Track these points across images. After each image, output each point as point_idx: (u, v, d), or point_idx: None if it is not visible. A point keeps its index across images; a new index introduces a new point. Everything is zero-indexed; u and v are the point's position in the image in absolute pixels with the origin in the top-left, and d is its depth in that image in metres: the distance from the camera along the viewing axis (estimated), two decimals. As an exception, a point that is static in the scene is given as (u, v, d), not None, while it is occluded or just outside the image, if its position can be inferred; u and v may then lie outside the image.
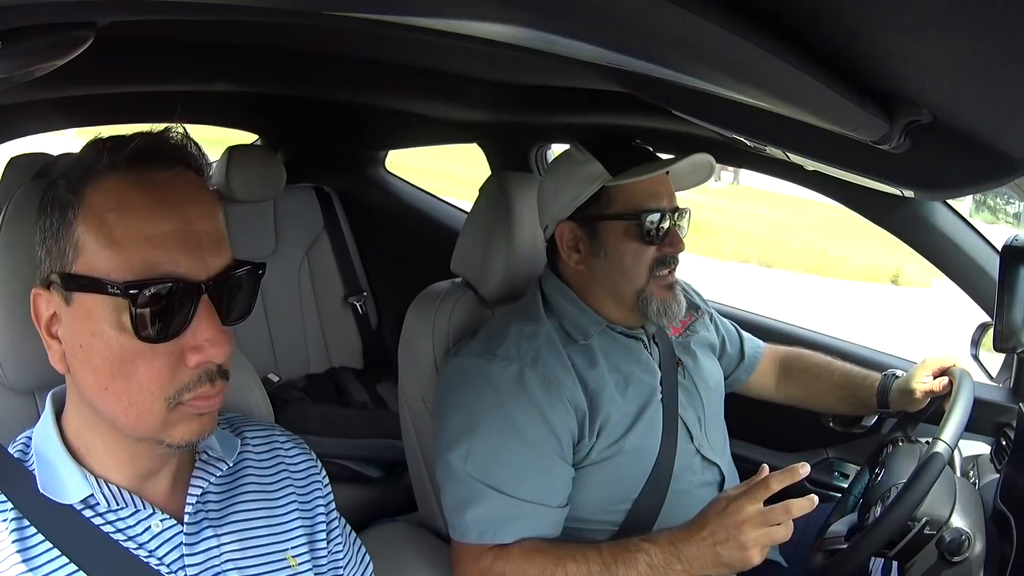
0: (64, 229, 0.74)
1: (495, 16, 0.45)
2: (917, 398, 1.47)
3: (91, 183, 0.74)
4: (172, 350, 0.74)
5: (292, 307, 2.48)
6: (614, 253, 1.36)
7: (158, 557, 0.81)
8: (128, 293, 0.71)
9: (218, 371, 0.77)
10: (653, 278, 1.36)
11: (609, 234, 1.36)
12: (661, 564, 1.16)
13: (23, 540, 0.76)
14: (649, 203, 1.35)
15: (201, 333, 0.74)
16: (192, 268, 0.74)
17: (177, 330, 0.73)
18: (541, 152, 2.44)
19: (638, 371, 1.38)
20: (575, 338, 1.36)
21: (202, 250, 0.74)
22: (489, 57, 1.50)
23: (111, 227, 0.72)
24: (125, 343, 0.73)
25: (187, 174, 0.77)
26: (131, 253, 0.72)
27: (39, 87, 1.47)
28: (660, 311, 1.36)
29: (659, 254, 1.36)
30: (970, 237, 1.63)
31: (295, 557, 0.90)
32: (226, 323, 0.77)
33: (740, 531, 1.11)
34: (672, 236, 1.37)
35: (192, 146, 0.80)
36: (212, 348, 0.74)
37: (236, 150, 2.33)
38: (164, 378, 0.74)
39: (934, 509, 1.17)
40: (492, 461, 1.25)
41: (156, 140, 0.77)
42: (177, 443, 0.77)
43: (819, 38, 0.56)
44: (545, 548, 1.23)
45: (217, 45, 1.64)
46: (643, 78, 0.83)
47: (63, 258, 0.74)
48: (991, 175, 0.90)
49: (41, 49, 0.55)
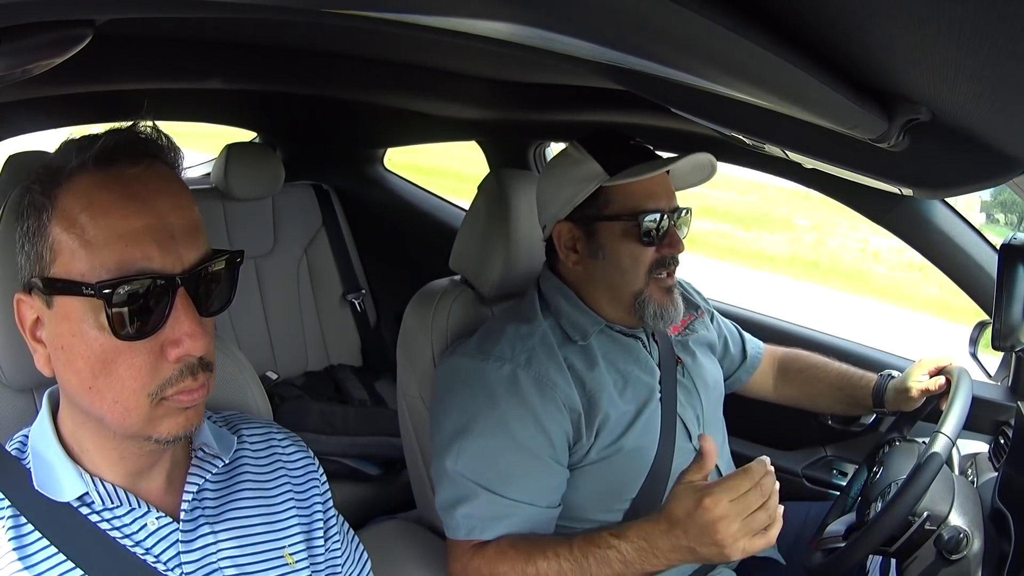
0: (40, 233, 0.74)
1: (494, 14, 0.45)
2: (913, 397, 1.47)
3: (62, 185, 0.74)
4: (152, 346, 0.74)
5: (290, 305, 2.48)
6: (612, 254, 1.35)
7: (155, 555, 0.81)
8: (102, 293, 0.71)
9: (200, 364, 0.76)
10: (652, 280, 1.35)
11: (607, 235, 1.35)
12: (636, 560, 1.12)
13: (20, 537, 0.76)
14: (647, 203, 1.33)
15: (179, 327, 0.74)
16: (166, 262, 0.73)
17: (156, 326, 0.73)
18: (540, 150, 2.44)
19: (637, 370, 1.38)
20: (573, 338, 1.35)
21: (175, 243, 0.74)
22: (488, 55, 1.50)
23: (84, 228, 0.72)
24: (105, 342, 0.73)
25: (157, 167, 0.77)
26: (104, 253, 0.72)
27: (37, 85, 1.47)
28: (657, 314, 1.35)
29: (658, 255, 1.34)
30: (969, 235, 1.63)
31: (292, 555, 0.90)
32: (205, 315, 0.77)
33: (715, 530, 1.04)
34: (671, 237, 1.35)
35: (162, 139, 0.79)
36: (191, 341, 0.74)
37: (235, 148, 2.33)
38: (146, 374, 0.74)
39: (933, 507, 1.18)
40: (483, 461, 1.25)
41: (123, 136, 0.77)
42: (164, 438, 0.77)
43: (817, 35, 0.56)
44: (519, 544, 1.22)
45: (215, 43, 1.64)
46: (641, 76, 0.83)
47: (40, 262, 0.74)
48: (990, 173, 0.90)
49: (39, 47, 0.55)
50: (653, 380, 1.39)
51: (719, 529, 1.04)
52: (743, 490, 1.05)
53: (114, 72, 1.61)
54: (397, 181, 2.89)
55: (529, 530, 1.25)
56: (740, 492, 1.05)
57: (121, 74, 1.65)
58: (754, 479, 1.06)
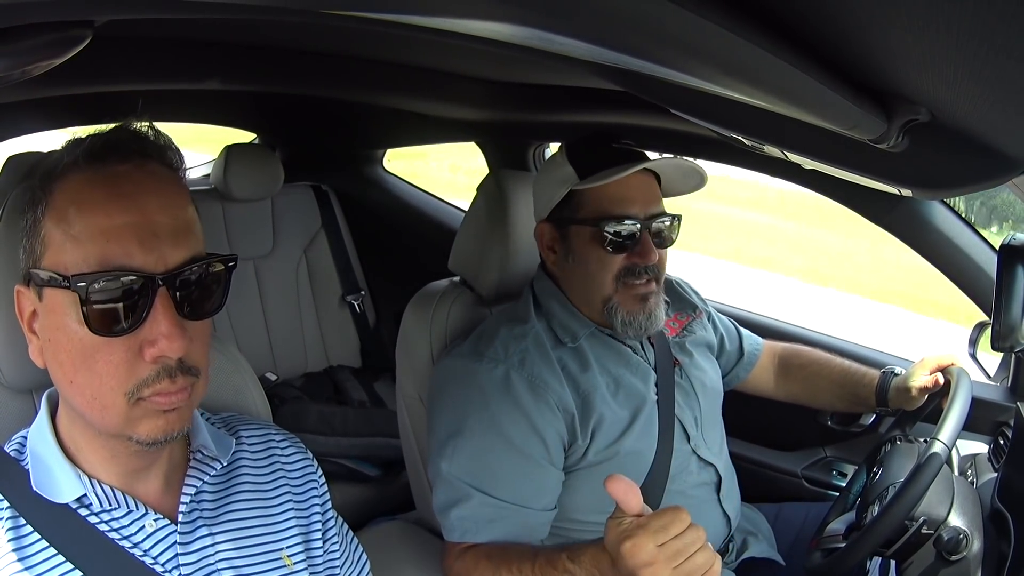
0: (35, 227, 0.75)
1: (493, 15, 0.45)
2: (915, 396, 1.47)
3: (56, 180, 0.75)
4: (130, 344, 0.73)
5: (290, 306, 2.47)
6: (581, 258, 1.34)
7: (152, 556, 0.81)
8: (77, 286, 0.71)
9: (179, 367, 0.75)
10: (622, 287, 1.32)
11: (576, 239, 1.34)
12: None
13: (19, 538, 0.76)
14: (614, 209, 1.30)
15: (156, 327, 0.73)
16: (147, 261, 0.73)
17: (133, 324, 0.73)
18: (539, 151, 2.44)
19: (628, 374, 1.37)
20: (563, 341, 1.35)
21: (159, 242, 0.74)
22: (487, 55, 1.50)
23: (71, 223, 0.73)
24: (84, 337, 0.73)
25: (149, 166, 0.77)
26: (88, 248, 0.72)
27: (37, 85, 1.47)
28: (626, 322, 1.32)
29: (627, 263, 1.31)
30: (968, 236, 1.63)
31: (290, 556, 0.90)
32: (188, 317, 0.76)
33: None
34: (642, 246, 1.31)
35: (160, 138, 0.79)
36: (167, 342, 0.73)
37: (234, 149, 2.33)
38: (123, 372, 0.73)
39: (932, 508, 1.18)
40: (477, 462, 1.25)
41: (113, 134, 0.77)
42: (144, 439, 0.76)
43: (816, 35, 0.56)
44: (493, 554, 1.20)
45: (214, 44, 1.64)
46: (640, 76, 0.83)
47: (34, 254, 0.76)
48: (989, 174, 0.89)
49: (39, 48, 0.55)
50: (646, 383, 1.38)
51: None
52: (673, 532, 0.92)
53: (113, 73, 1.61)
54: (396, 182, 2.89)
55: (522, 533, 1.24)
56: (670, 534, 0.91)
57: (120, 75, 1.65)
58: (684, 520, 0.93)
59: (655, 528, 0.92)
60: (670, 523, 0.92)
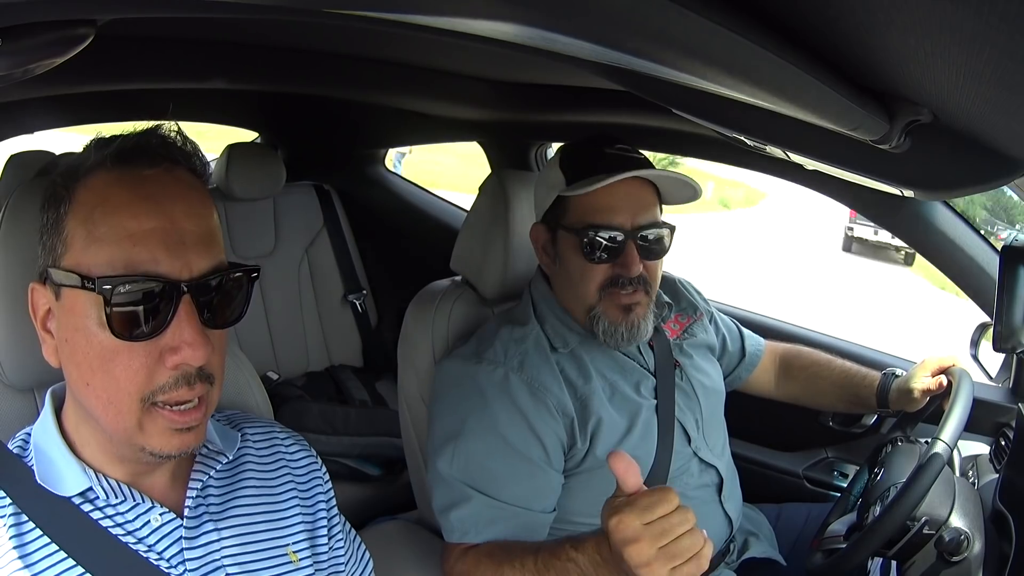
0: (57, 225, 0.75)
1: (495, 14, 0.45)
2: (916, 397, 1.46)
3: (81, 180, 0.74)
4: (151, 350, 0.73)
5: (292, 305, 2.48)
6: (566, 264, 1.34)
7: (157, 552, 0.81)
8: (102, 289, 0.71)
9: (198, 374, 0.76)
10: (606, 295, 1.30)
11: (563, 244, 1.34)
12: (592, 573, 1.04)
13: (20, 536, 0.76)
14: (597, 218, 1.28)
15: (180, 334, 0.73)
16: (173, 267, 0.73)
17: (155, 330, 0.73)
18: (541, 150, 2.44)
19: (621, 381, 1.37)
20: (555, 346, 1.35)
21: (185, 249, 0.74)
22: (489, 55, 1.50)
23: (95, 223, 0.72)
24: (104, 340, 0.73)
25: (176, 171, 0.77)
26: (112, 250, 0.72)
27: (39, 84, 1.47)
28: (608, 332, 1.30)
29: (612, 273, 1.29)
30: (970, 237, 1.63)
31: (296, 552, 0.90)
32: (210, 326, 0.76)
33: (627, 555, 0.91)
34: (625, 257, 1.28)
35: (184, 143, 0.79)
36: (190, 350, 0.73)
37: (236, 148, 2.33)
38: (141, 377, 0.73)
39: (933, 509, 1.17)
40: (476, 464, 1.25)
41: (143, 137, 0.77)
42: (157, 451, 0.76)
43: (819, 37, 0.56)
44: (495, 552, 1.20)
45: (217, 42, 1.64)
46: (643, 77, 0.83)
47: (54, 253, 0.75)
48: (991, 175, 0.89)
49: (41, 46, 0.55)
50: (643, 388, 1.38)
51: (631, 555, 0.90)
52: (659, 512, 0.91)
53: (116, 72, 1.62)
54: (398, 181, 2.89)
55: (521, 534, 1.24)
56: (656, 514, 0.91)
57: (123, 74, 1.65)
58: (672, 501, 0.92)
59: (642, 506, 0.91)
60: (657, 503, 0.92)
